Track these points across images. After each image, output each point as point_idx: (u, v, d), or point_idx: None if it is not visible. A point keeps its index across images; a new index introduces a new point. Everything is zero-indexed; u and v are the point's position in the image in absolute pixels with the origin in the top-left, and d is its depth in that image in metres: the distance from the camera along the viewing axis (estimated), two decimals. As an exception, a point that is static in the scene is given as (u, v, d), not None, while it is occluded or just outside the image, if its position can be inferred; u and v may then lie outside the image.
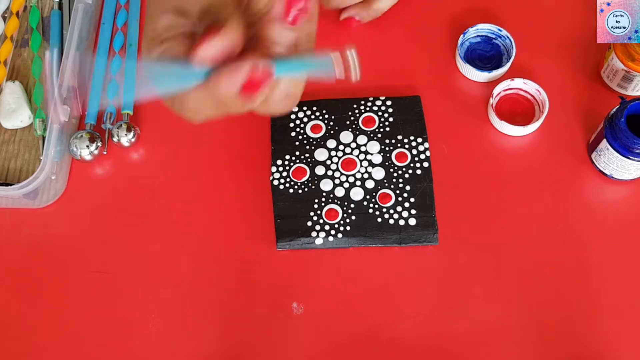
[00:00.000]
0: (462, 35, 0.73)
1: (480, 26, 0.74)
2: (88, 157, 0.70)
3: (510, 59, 0.72)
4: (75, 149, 0.69)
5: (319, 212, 0.67)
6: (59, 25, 0.78)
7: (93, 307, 0.66)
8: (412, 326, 0.64)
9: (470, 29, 0.73)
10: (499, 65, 0.73)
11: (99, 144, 0.70)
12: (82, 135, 0.70)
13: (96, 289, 0.66)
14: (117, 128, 0.71)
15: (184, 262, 0.67)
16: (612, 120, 0.64)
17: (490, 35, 0.74)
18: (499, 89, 0.70)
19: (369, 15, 0.75)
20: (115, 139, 0.70)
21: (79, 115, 0.73)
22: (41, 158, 0.67)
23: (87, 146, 0.69)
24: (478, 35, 0.74)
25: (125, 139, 0.70)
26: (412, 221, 0.66)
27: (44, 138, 0.71)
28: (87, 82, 0.75)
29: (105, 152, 0.71)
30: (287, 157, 0.69)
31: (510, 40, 0.72)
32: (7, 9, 0.78)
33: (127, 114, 0.72)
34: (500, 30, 0.73)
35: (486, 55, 0.74)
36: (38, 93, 0.73)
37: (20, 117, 0.72)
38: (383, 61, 0.74)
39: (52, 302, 0.66)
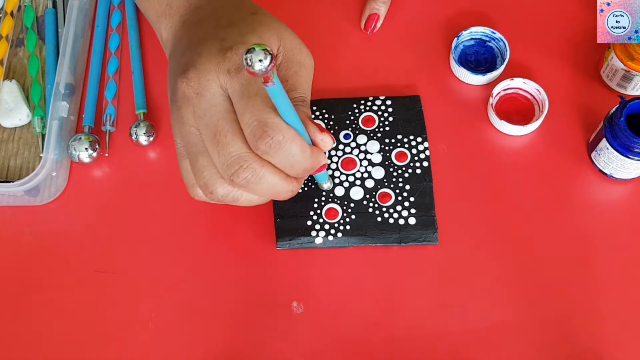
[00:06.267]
0: (455, 39, 0.73)
1: (474, 29, 0.74)
2: (87, 160, 0.69)
3: (504, 61, 0.72)
4: (73, 152, 0.69)
5: (318, 211, 0.67)
6: (54, 23, 0.77)
7: (93, 305, 0.65)
8: (412, 325, 0.64)
9: (464, 32, 0.73)
10: (493, 67, 0.73)
11: (97, 147, 0.70)
12: (80, 138, 0.69)
13: (97, 287, 0.66)
14: (136, 127, 0.70)
15: (184, 262, 0.66)
16: (612, 120, 0.64)
17: (484, 37, 0.74)
18: (498, 89, 0.70)
19: (386, 7, 0.76)
20: (133, 137, 0.70)
21: (77, 113, 0.73)
22: (41, 155, 0.67)
23: (86, 149, 0.69)
24: (472, 38, 0.74)
25: (144, 137, 0.70)
26: (412, 220, 0.66)
27: (43, 136, 0.71)
28: (84, 83, 0.75)
29: (107, 154, 0.71)
30: (287, 156, 0.69)
31: (504, 42, 0.72)
32: (2, 8, 0.78)
33: (142, 113, 0.72)
34: (494, 33, 0.73)
35: (480, 58, 0.74)
36: (35, 91, 0.73)
37: (18, 115, 0.72)
38: (383, 61, 0.74)
39: (53, 299, 0.66)
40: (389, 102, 0.71)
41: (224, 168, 0.52)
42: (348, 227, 0.66)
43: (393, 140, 0.70)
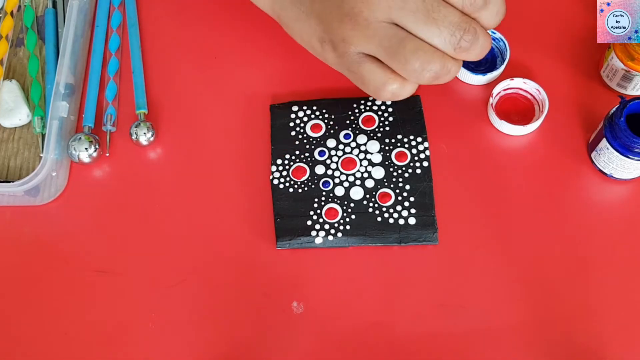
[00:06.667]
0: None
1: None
2: (87, 160, 0.69)
3: (504, 61, 0.72)
4: (73, 152, 0.69)
5: (318, 211, 0.67)
6: (54, 23, 0.77)
7: (93, 305, 0.65)
8: (412, 325, 0.64)
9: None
10: (493, 67, 0.73)
11: (97, 147, 0.70)
12: (80, 138, 0.69)
13: (97, 287, 0.66)
14: (136, 127, 0.70)
15: (184, 262, 0.66)
16: (612, 120, 0.64)
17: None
18: (498, 89, 0.70)
19: None
20: (133, 137, 0.70)
21: (77, 113, 0.73)
22: (41, 155, 0.67)
23: (86, 149, 0.69)
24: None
25: (144, 137, 0.70)
26: (412, 220, 0.66)
27: (43, 135, 0.71)
28: (84, 83, 0.75)
29: (107, 154, 0.71)
30: (287, 156, 0.69)
31: (504, 43, 0.72)
32: (1, 8, 0.78)
33: (142, 113, 0.72)
34: (494, 33, 0.73)
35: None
36: (35, 91, 0.73)
37: (18, 115, 0.72)
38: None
39: (53, 299, 0.66)
40: (388, 102, 0.71)
41: (449, 38, 0.57)
42: (348, 227, 0.66)
43: (393, 140, 0.70)
